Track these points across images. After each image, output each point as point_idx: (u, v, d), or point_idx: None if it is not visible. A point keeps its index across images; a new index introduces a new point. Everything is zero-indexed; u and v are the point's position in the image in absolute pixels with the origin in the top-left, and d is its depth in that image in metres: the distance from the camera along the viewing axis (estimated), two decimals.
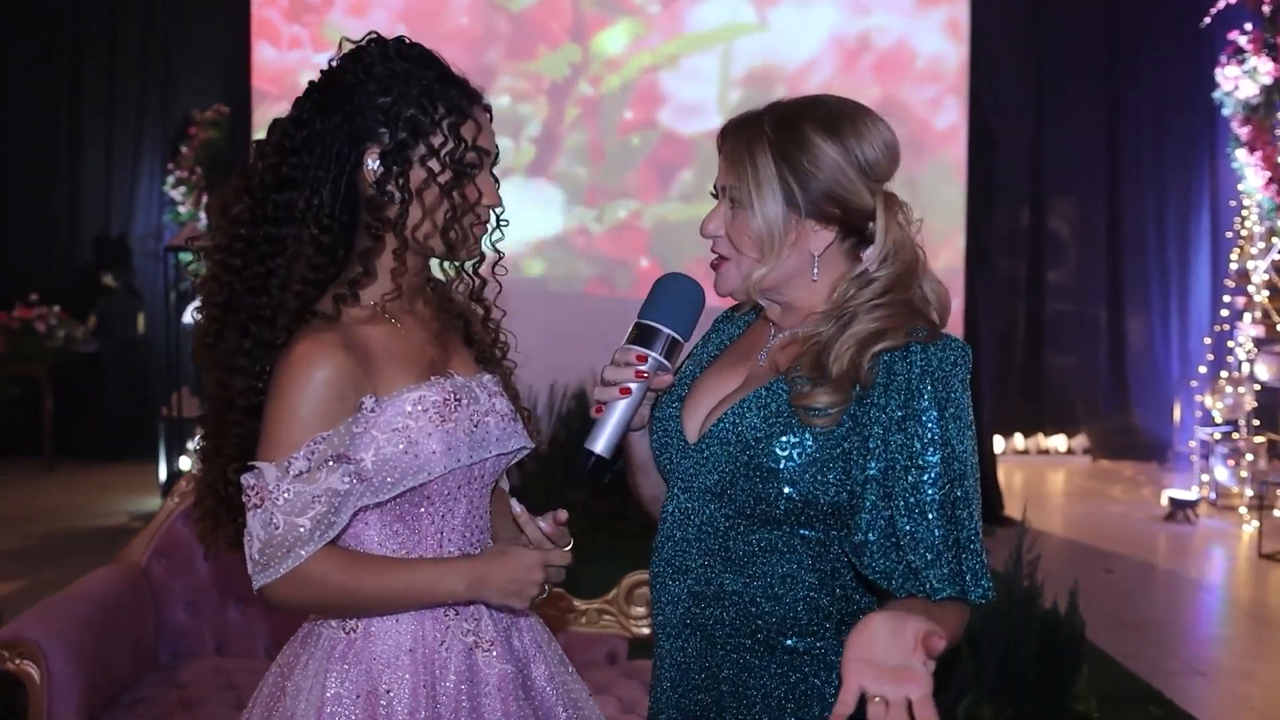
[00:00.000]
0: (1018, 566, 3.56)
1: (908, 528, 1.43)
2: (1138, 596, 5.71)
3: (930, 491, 1.44)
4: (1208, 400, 7.60)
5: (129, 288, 8.77)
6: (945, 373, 1.47)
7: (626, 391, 1.52)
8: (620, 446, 1.57)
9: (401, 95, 1.55)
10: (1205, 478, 7.48)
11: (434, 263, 1.71)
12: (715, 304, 1.63)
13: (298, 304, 1.53)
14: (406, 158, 1.55)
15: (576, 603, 3.10)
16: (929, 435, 1.45)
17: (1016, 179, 8.98)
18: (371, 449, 1.52)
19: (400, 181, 1.55)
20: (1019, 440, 9.26)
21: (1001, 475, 7.82)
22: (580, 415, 7.31)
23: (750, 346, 1.65)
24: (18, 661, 2.61)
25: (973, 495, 1.47)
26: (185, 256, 6.42)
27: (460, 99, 1.58)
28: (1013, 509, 7.31)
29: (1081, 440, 9.27)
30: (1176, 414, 8.64)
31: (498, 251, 1.69)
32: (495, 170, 1.66)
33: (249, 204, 1.55)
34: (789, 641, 1.52)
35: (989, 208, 7.65)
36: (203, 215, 7.86)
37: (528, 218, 7.75)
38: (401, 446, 1.53)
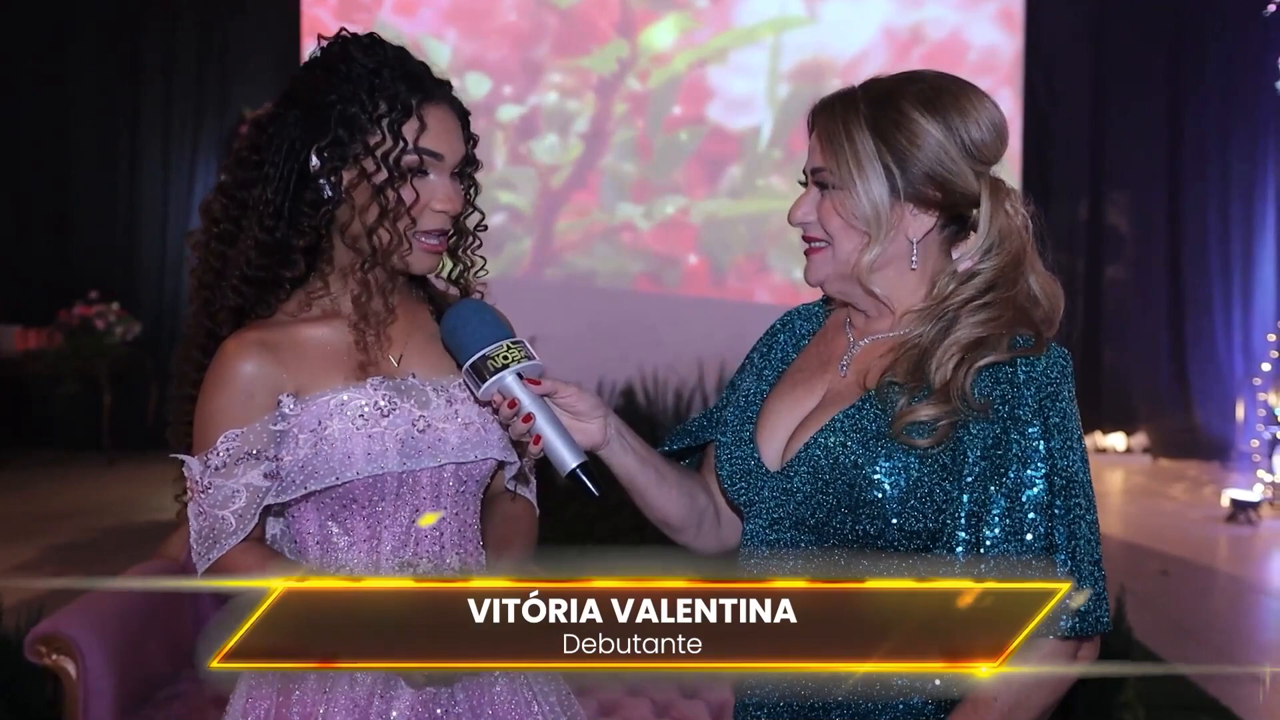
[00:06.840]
0: None
1: (996, 551, 1.33)
2: (1195, 600, 5.57)
3: (1028, 514, 1.33)
4: (1271, 398, 7.41)
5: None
6: (1050, 381, 1.36)
7: (529, 419, 1.41)
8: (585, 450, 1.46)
9: (346, 92, 1.52)
10: (1268, 478, 7.29)
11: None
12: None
13: (236, 300, 1.55)
14: (342, 155, 1.51)
15: None
16: (1030, 450, 1.34)
17: (1074, 172, 8.80)
18: (290, 448, 1.52)
19: (332, 179, 1.52)
20: None
21: None
22: (629, 413, 7.28)
23: (827, 356, 1.52)
24: (54, 657, 2.64)
25: (1080, 515, 1.36)
26: None
27: (408, 96, 1.51)
28: None
29: (1141, 439, 9.08)
30: (1239, 412, 8.44)
31: (469, 261, 1.63)
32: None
33: (220, 201, 1.57)
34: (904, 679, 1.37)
35: (1045, 202, 7.49)
36: None
37: (575, 213, 7.76)
38: (314, 447, 1.51)
